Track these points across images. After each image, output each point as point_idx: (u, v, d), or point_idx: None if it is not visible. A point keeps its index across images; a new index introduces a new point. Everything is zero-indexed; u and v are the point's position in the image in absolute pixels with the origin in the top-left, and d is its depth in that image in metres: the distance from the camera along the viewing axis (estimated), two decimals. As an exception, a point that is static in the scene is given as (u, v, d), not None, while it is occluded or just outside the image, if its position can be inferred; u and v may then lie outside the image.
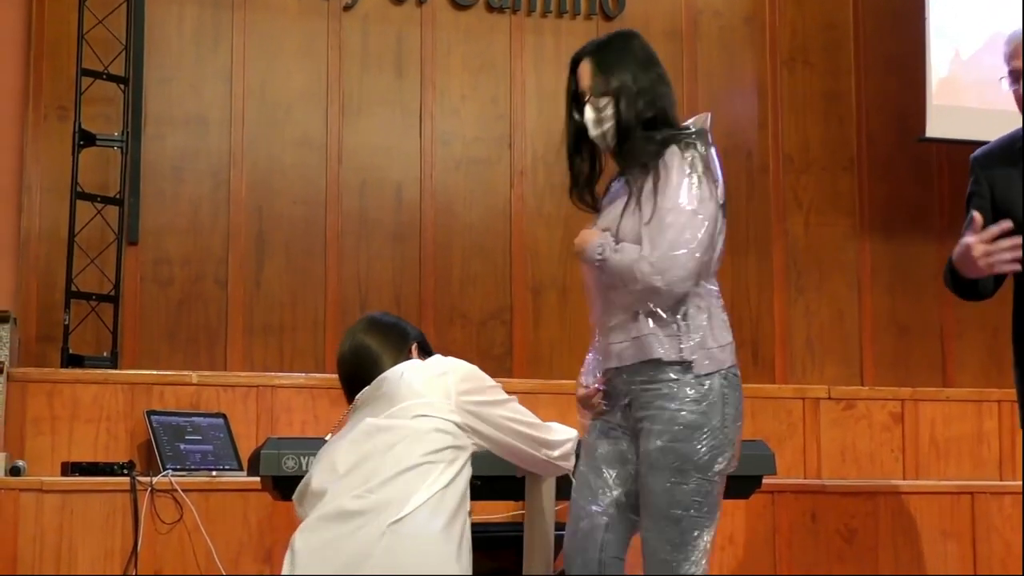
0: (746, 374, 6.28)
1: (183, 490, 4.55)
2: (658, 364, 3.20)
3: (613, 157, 3.45)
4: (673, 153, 3.33)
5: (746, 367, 6.35)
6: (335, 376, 5.64)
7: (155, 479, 4.56)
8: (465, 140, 6.33)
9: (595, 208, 3.46)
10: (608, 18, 6.50)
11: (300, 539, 3.06)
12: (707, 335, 3.27)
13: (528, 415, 3.34)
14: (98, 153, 5.81)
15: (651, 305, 3.22)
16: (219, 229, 6.02)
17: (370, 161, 6.22)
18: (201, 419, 5.15)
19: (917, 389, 6.17)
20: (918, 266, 6.74)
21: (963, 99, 6.57)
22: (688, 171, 3.31)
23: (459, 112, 6.34)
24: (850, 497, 5.14)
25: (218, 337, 5.95)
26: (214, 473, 4.89)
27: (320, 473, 3.16)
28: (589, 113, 3.39)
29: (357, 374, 3.34)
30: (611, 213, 3.37)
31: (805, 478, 5.76)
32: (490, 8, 6.38)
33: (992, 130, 6.54)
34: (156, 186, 5.97)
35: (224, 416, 5.21)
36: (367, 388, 3.25)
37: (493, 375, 3.17)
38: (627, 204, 3.32)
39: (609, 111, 3.38)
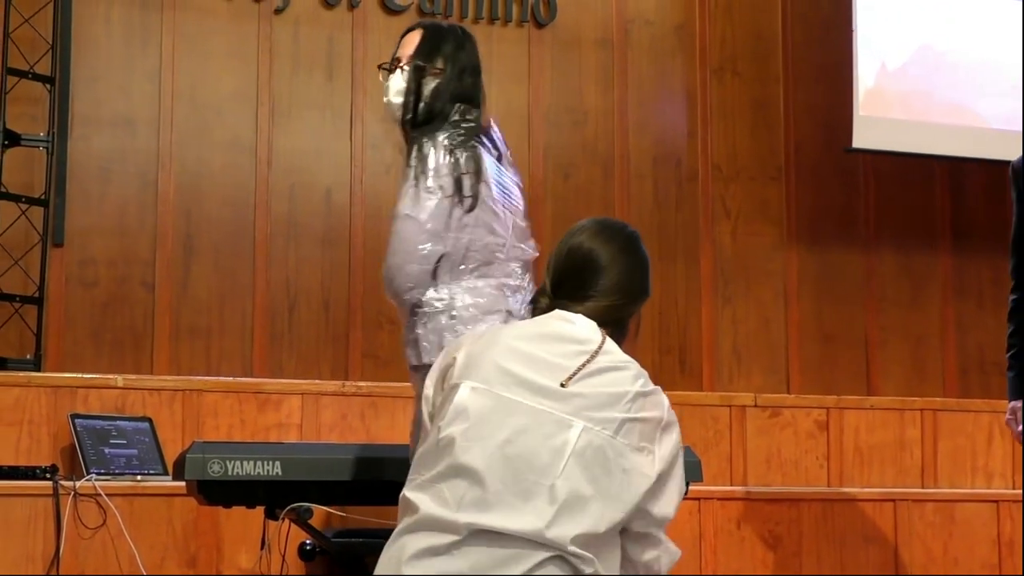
0: (673, 381, 6.42)
1: (107, 495, 4.50)
2: (415, 368, 3.30)
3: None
4: (416, 149, 3.38)
5: (673, 374, 6.45)
6: (262, 380, 5.66)
7: (78, 483, 4.51)
8: (395, 144, 6.28)
9: None
10: (540, 25, 6.52)
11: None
12: (448, 335, 3.28)
13: None
14: (23, 153, 5.74)
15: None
16: (146, 231, 5.97)
17: (300, 164, 6.19)
18: (126, 423, 5.09)
19: (842, 397, 6.24)
20: (844, 275, 6.82)
21: (889, 110, 6.66)
22: (414, 172, 3.35)
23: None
24: (775, 504, 5.18)
25: (144, 340, 5.89)
26: (139, 477, 4.84)
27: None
28: (396, 80, 3.47)
29: (571, 281, 2.83)
30: None
31: (731, 485, 5.80)
32: (422, 13, 6.37)
33: (917, 142, 6.70)
34: (82, 187, 5.91)
35: (149, 420, 5.17)
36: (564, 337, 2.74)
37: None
38: None
39: (410, 86, 3.46)
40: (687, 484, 3.74)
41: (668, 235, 6.59)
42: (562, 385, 2.64)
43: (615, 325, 2.80)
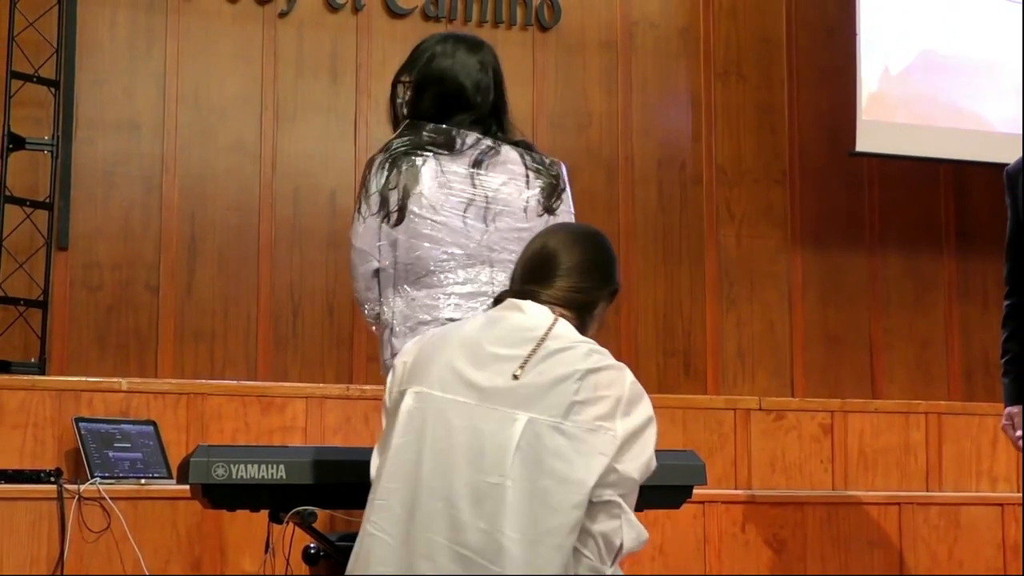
0: (677, 384, 6.41)
1: (111, 498, 4.50)
2: None
3: None
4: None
5: (678, 377, 6.45)
6: (266, 384, 5.66)
7: (83, 487, 4.51)
8: (400, 148, 6.30)
9: None
10: (544, 29, 6.52)
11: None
12: (387, 348, 3.35)
13: None
14: (28, 157, 5.74)
15: None
16: (151, 234, 5.97)
17: (304, 168, 6.19)
18: (130, 426, 5.10)
19: (846, 400, 6.23)
20: (848, 278, 6.81)
21: (892, 114, 6.66)
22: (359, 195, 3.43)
23: (394, 120, 6.32)
24: (779, 507, 5.17)
25: (148, 343, 5.90)
26: (143, 481, 4.84)
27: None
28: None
29: (531, 272, 2.84)
30: None
31: (736, 488, 5.80)
32: (426, 17, 6.38)
33: (921, 145, 6.70)
34: (87, 190, 5.92)
35: (154, 423, 5.17)
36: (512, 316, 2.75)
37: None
38: None
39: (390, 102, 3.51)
40: (691, 485, 3.72)
41: (672, 238, 6.58)
42: (515, 377, 2.62)
43: (579, 310, 2.78)
